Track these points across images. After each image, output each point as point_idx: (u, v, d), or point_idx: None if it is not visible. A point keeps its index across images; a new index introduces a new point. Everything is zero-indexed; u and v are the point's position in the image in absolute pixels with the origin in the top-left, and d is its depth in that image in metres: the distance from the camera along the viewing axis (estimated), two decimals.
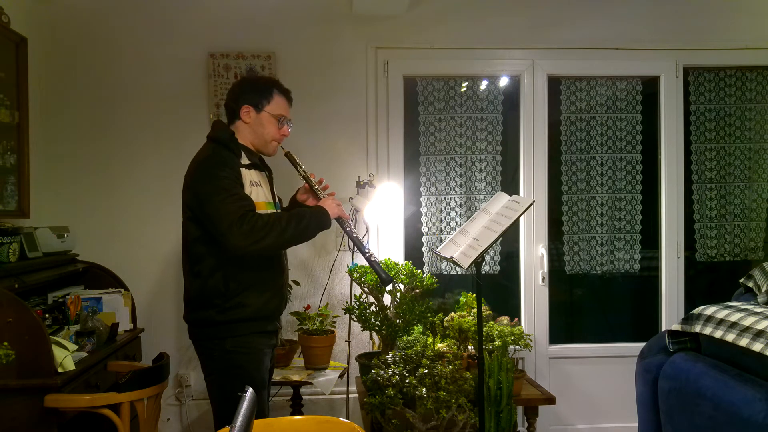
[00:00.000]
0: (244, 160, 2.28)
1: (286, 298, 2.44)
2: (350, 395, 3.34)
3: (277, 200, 2.46)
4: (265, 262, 2.28)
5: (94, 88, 3.40)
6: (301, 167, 2.44)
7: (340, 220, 2.38)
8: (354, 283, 3.13)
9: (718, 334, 2.09)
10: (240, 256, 2.15)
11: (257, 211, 2.18)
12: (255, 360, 2.25)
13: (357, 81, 3.53)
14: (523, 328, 3.38)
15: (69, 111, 3.38)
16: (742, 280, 2.63)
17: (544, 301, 3.65)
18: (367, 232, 3.37)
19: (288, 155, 2.44)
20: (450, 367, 2.58)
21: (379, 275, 2.38)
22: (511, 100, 3.70)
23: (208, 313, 2.20)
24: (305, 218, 2.23)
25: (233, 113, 2.34)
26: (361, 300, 3.03)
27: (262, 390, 2.29)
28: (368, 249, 2.42)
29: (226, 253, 2.14)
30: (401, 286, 3.03)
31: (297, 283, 3.33)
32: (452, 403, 2.44)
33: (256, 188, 2.26)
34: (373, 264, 2.40)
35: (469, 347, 3.10)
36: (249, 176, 2.26)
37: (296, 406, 3.19)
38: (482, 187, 3.66)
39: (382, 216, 3.42)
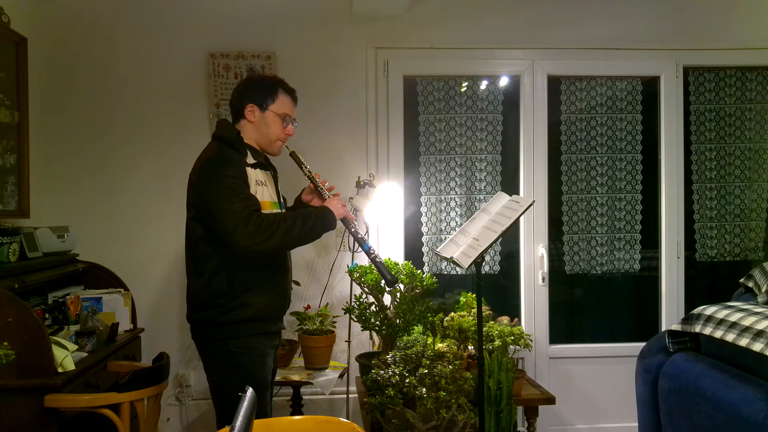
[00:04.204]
0: (250, 159, 2.28)
1: (289, 299, 2.44)
2: (350, 395, 3.34)
3: (281, 200, 2.46)
4: (269, 263, 2.28)
5: (94, 87, 3.40)
6: (305, 167, 2.44)
7: (345, 221, 2.38)
8: (354, 283, 3.13)
9: (718, 334, 2.09)
10: (244, 256, 2.15)
11: (262, 211, 2.17)
12: (258, 361, 2.25)
13: (357, 81, 3.53)
14: (523, 328, 3.38)
15: (69, 111, 3.38)
16: (742, 280, 2.63)
17: (544, 301, 3.65)
18: (367, 232, 3.37)
19: (293, 155, 2.43)
20: (450, 367, 2.58)
21: (384, 276, 2.37)
22: (511, 100, 3.70)
23: (211, 314, 2.20)
24: (311, 218, 2.23)
25: (238, 112, 2.34)
26: (361, 300, 3.03)
27: (265, 391, 2.29)
28: (373, 250, 2.41)
29: (230, 252, 2.14)
30: (401, 286, 3.03)
31: (297, 283, 3.33)
32: (452, 403, 2.44)
33: (261, 187, 2.26)
34: (378, 265, 2.39)
35: (469, 347, 3.10)
36: (254, 175, 2.25)
37: (296, 406, 3.19)
38: (482, 187, 3.66)
39: (382, 216, 3.42)
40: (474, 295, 3.22)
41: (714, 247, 3.78)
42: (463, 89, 3.68)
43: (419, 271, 3.10)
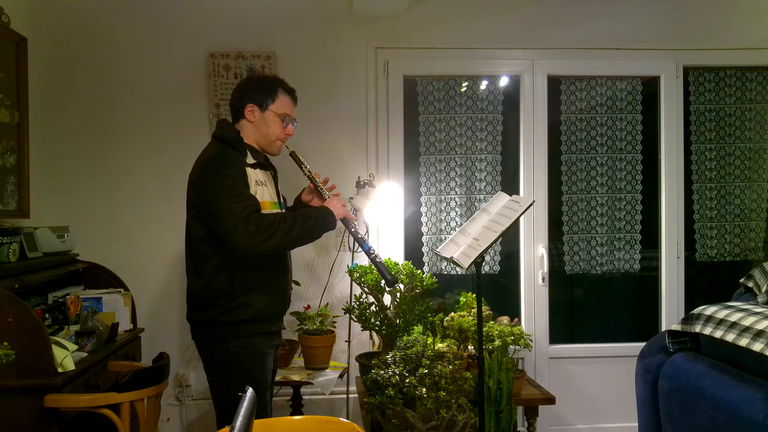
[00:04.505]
0: (250, 159, 2.28)
1: (289, 299, 2.44)
2: (350, 395, 3.34)
3: (281, 200, 2.46)
4: (270, 263, 2.28)
5: (94, 87, 3.40)
6: (305, 167, 2.44)
7: (345, 221, 2.37)
8: (354, 283, 3.13)
9: (718, 334, 2.09)
10: (245, 256, 2.15)
11: (262, 211, 2.17)
12: (258, 361, 2.25)
13: (357, 81, 3.53)
14: (523, 328, 3.38)
15: (69, 111, 3.38)
16: (742, 280, 2.63)
17: (544, 301, 3.65)
18: (367, 232, 3.37)
19: (293, 155, 2.43)
20: (450, 367, 2.58)
21: (384, 277, 2.37)
22: (511, 100, 3.70)
23: (211, 314, 2.20)
24: (311, 219, 2.22)
25: (238, 112, 2.34)
26: (361, 300, 3.03)
27: (265, 391, 2.29)
28: (373, 250, 2.41)
29: (231, 252, 2.14)
30: (401, 286, 3.03)
31: (297, 283, 3.33)
32: (452, 403, 2.44)
33: (261, 188, 2.26)
34: (378, 265, 2.39)
35: (469, 347, 3.10)
36: (254, 175, 2.25)
37: (296, 406, 3.19)
38: (482, 187, 3.66)
39: (382, 216, 3.42)
40: (474, 295, 3.22)
41: (714, 247, 3.78)
42: (463, 89, 3.68)
43: (419, 271, 3.10)
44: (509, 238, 3.67)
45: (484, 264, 3.43)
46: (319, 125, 3.46)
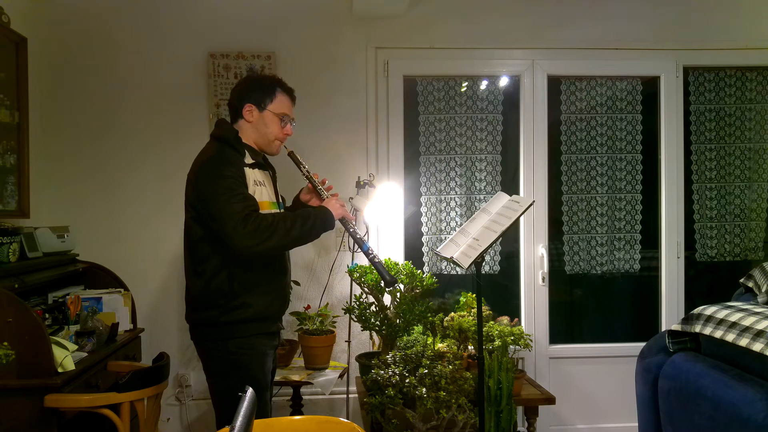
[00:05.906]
0: (248, 159, 2.27)
1: (288, 299, 2.43)
2: (350, 395, 3.34)
3: (280, 200, 2.46)
4: (269, 263, 2.28)
5: (94, 87, 3.40)
6: (304, 167, 2.43)
7: (343, 221, 2.37)
8: (354, 283, 3.13)
9: (718, 334, 2.09)
10: (244, 257, 2.15)
11: (261, 211, 2.17)
12: (258, 361, 2.25)
13: (357, 81, 3.53)
14: (523, 328, 3.38)
15: (69, 111, 3.39)
16: (742, 280, 2.63)
17: (544, 301, 3.65)
18: (367, 232, 3.37)
19: (291, 155, 2.43)
20: (450, 367, 2.58)
21: (383, 277, 2.36)
22: (511, 100, 3.70)
23: (211, 314, 2.20)
24: (310, 219, 2.22)
25: (236, 112, 2.34)
26: (361, 300, 3.03)
27: (265, 391, 2.29)
28: (372, 250, 2.41)
29: (231, 253, 2.14)
30: (401, 286, 3.03)
31: (297, 283, 3.33)
32: (452, 403, 2.45)
33: (259, 188, 2.26)
34: (377, 265, 2.39)
35: (469, 347, 3.10)
36: (253, 175, 2.25)
37: (296, 406, 3.19)
38: (482, 187, 3.66)
39: (382, 216, 3.42)
40: (474, 295, 3.22)
41: (714, 247, 3.78)
42: (463, 89, 3.68)
43: (419, 271, 3.10)
44: (509, 238, 3.67)
45: (484, 264, 3.43)
46: (319, 125, 3.46)
